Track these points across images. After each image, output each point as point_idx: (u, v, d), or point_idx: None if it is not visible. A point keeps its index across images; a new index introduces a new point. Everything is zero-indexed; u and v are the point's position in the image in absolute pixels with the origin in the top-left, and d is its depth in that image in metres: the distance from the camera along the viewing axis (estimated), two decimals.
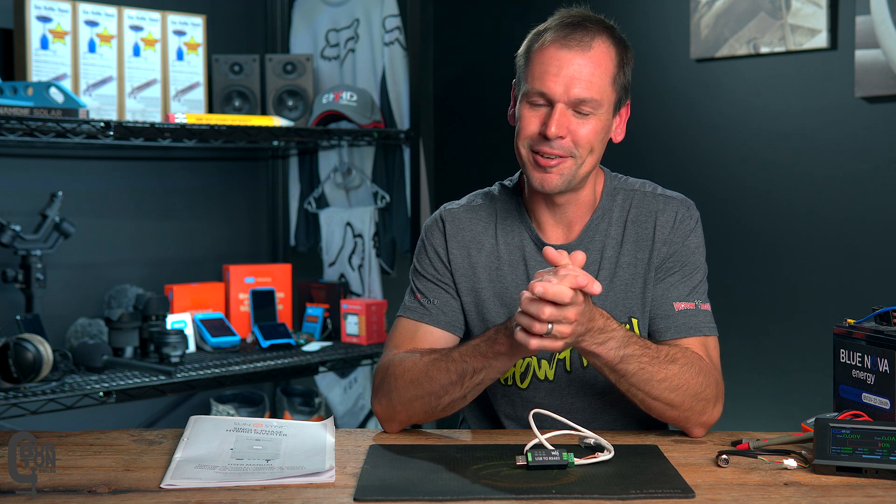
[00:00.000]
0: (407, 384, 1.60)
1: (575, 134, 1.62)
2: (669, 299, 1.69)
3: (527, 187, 1.75)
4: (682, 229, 1.72)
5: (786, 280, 2.83)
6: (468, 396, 1.59)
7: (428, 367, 1.59)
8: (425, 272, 1.77)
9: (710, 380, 1.60)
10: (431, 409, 1.60)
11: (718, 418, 1.63)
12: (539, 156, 1.64)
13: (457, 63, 3.55)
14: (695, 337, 1.66)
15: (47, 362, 2.34)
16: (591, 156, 1.65)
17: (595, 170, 1.72)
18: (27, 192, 2.85)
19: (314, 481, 1.36)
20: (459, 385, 1.56)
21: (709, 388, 1.60)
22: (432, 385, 1.58)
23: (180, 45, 3.02)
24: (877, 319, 1.56)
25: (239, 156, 3.48)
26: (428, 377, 1.58)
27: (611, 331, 1.51)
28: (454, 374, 1.56)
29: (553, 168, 1.63)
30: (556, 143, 1.62)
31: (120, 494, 1.32)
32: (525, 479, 1.35)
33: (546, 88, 1.61)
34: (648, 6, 3.09)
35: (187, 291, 3.06)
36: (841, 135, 2.70)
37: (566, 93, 1.61)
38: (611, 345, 1.51)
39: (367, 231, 3.33)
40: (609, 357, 1.52)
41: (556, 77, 1.61)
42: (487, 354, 1.53)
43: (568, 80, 1.61)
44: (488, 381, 1.57)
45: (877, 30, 2.56)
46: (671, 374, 1.56)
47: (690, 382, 1.57)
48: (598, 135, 1.65)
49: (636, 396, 1.57)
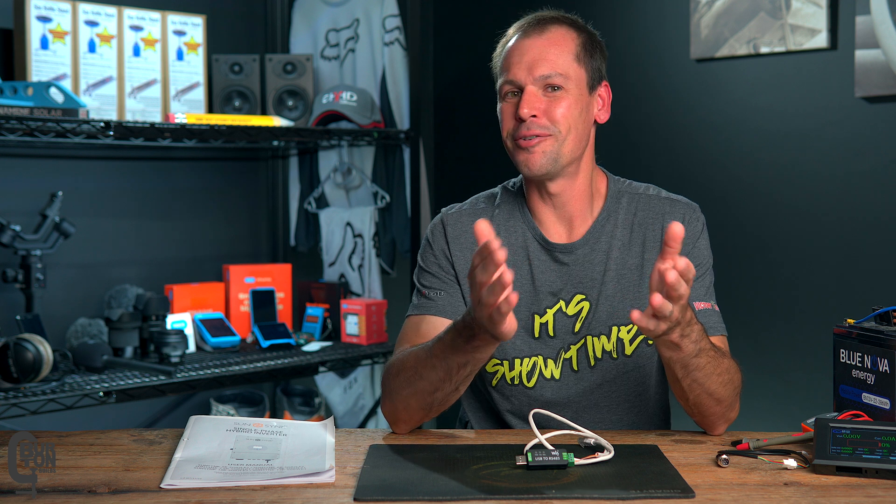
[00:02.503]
0: (402, 383, 1.60)
1: (549, 112, 1.67)
2: (690, 299, 1.68)
3: (525, 185, 1.77)
4: (690, 231, 1.73)
5: (786, 280, 2.83)
6: (461, 388, 1.58)
7: (416, 365, 1.58)
8: (429, 269, 1.78)
9: (740, 374, 1.62)
10: (427, 405, 1.59)
11: (737, 415, 1.64)
12: (521, 139, 1.67)
13: (457, 63, 3.55)
14: (715, 336, 1.67)
15: (47, 362, 2.34)
16: (572, 134, 1.68)
17: (588, 159, 1.74)
18: (27, 192, 2.85)
19: (314, 481, 1.36)
20: (448, 380, 1.55)
21: (740, 383, 1.62)
22: (423, 383, 1.57)
23: (180, 45, 3.02)
24: (877, 319, 1.56)
25: (239, 156, 3.48)
26: (418, 375, 1.57)
27: (694, 323, 1.48)
28: (441, 370, 1.55)
29: (534, 147, 1.67)
30: (532, 123, 1.66)
31: (120, 494, 1.32)
32: (525, 479, 1.35)
33: (513, 76, 1.69)
34: (648, 6, 3.09)
35: (187, 291, 3.06)
36: (841, 135, 2.70)
37: (530, 74, 1.67)
38: (693, 337, 1.48)
39: (367, 231, 3.33)
40: (689, 350, 1.48)
41: (519, 63, 1.69)
42: (467, 350, 1.48)
43: (530, 63, 1.68)
44: (476, 369, 1.55)
45: (877, 30, 2.56)
46: (725, 369, 1.56)
47: (735, 378, 1.59)
48: (573, 110, 1.68)
49: (693, 392, 1.55)
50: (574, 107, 1.68)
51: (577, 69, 1.69)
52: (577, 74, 1.69)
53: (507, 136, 1.70)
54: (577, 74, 1.69)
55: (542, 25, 1.71)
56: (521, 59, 1.68)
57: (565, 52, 1.69)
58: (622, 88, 3.14)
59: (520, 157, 1.68)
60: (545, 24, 1.71)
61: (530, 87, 1.67)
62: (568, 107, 1.67)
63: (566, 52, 1.69)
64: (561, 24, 1.71)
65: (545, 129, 1.66)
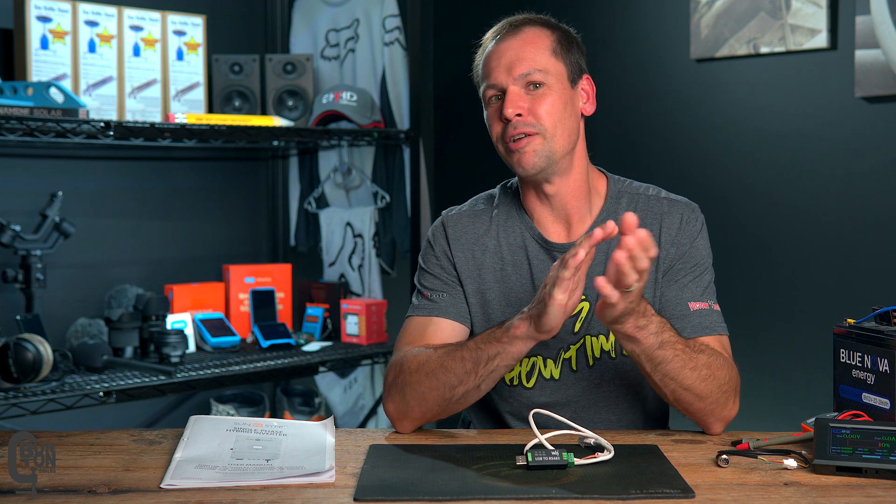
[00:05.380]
0: (422, 377, 1.60)
1: (533, 110, 1.67)
2: (684, 300, 1.69)
3: (521, 186, 1.78)
4: (688, 231, 1.73)
5: (786, 280, 2.83)
6: (482, 386, 1.59)
7: (443, 357, 1.59)
8: (431, 270, 1.78)
9: (731, 373, 1.62)
10: (445, 401, 1.60)
11: (735, 415, 1.64)
12: (510, 142, 1.68)
13: (457, 63, 3.53)
14: (711, 336, 1.67)
15: (47, 362, 2.34)
16: (559, 129, 1.68)
17: (581, 155, 1.74)
18: (27, 192, 2.85)
19: (314, 481, 1.36)
20: (474, 373, 1.56)
21: (731, 381, 1.61)
22: (447, 375, 1.58)
23: (180, 45, 3.02)
24: (877, 319, 1.56)
25: (239, 156, 3.48)
26: (443, 367, 1.58)
27: (650, 315, 1.51)
28: (469, 362, 1.56)
29: (525, 147, 1.67)
30: (518, 123, 1.67)
31: (120, 494, 1.32)
32: (525, 479, 1.35)
33: (493, 80, 1.70)
34: (648, 6, 3.09)
35: (187, 291, 3.06)
36: (841, 135, 2.70)
37: (510, 74, 1.69)
38: (651, 329, 1.50)
39: (367, 231, 3.33)
40: (649, 342, 1.51)
41: (498, 67, 1.70)
42: (503, 339, 1.54)
43: (508, 64, 1.69)
44: (503, 368, 1.57)
45: (877, 30, 2.56)
46: (701, 363, 1.56)
47: (717, 373, 1.58)
48: (557, 105, 1.69)
49: (668, 387, 1.57)
50: (557, 102, 1.69)
51: (555, 64, 1.70)
52: (556, 69, 1.70)
53: (497, 140, 1.71)
54: (557, 69, 1.70)
55: (516, 28, 1.73)
56: (499, 62, 1.70)
57: (541, 48, 1.70)
58: (622, 88, 3.14)
59: (512, 158, 1.69)
60: (518, 27, 1.73)
61: (512, 87, 1.68)
62: (552, 103, 1.68)
63: (542, 49, 1.70)
64: (533, 25, 1.73)
65: (531, 126, 1.67)
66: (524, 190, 1.77)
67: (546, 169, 1.69)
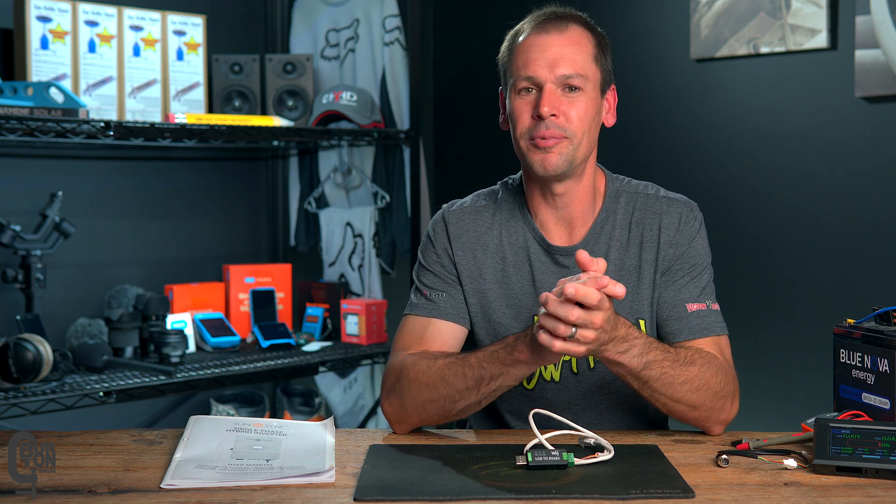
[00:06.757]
0: (421, 387, 1.59)
1: (566, 114, 1.65)
2: (681, 301, 1.69)
3: (526, 185, 1.76)
4: (686, 231, 1.72)
5: (786, 280, 2.83)
6: (483, 402, 1.59)
7: (443, 370, 1.58)
8: (431, 268, 1.77)
9: (727, 377, 1.61)
10: (445, 412, 1.60)
11: (735, 415, 1.64)
12: (538, 139, 1.65)
13: (457, 63, 3.55)
14: (708, 337, 1.67)
15: (47, 362, 2.34)
16: (585, 138, 1.67)
17: (593, 161, 1.74)
18: (27, 192, 2.85)
19: (314, 481, 1.36)
20: (475, 391, 1.56)
21: (727, 386, 1.61)
22: (448, 389, 1.57)
23: (180, 45, 3.02)
24: (877, 319, 1.56)
25: (239, 156, 3.48)
26: (444, 381, 1.57)
27: (633, 339, 1.50)
28: (471, 379, 1.55)
29: (552, 148, 1.65)
30: (551, 123, 1.64)
31: (120, 494, 1.32)
32: (525, 479, 1.35)
33: (532, 72, 1.66)
34: (648, 6, 3.09)
35: (187, 291, 3.06)
36: (841, 135, 2.70)
37: (552, 72, 1.65)
38: (633, 353, 1.50)
39: (367, 231, 3.33)
40: (632, 365, 1.51)
41: (539, 60, 1.65)
42: (506, 361, 1.52)
43: (551, 61, 1.65)
44: (505, 387, 1.57)
45: (877, 30, 2.56)
46: (692, 376, 1.56)
47: (710, 382, 1.58)
48: (589, 114, 1.67)
49: (658, 401, 1.58)
50: (590, 109, 1.67)
51: (594, 70, 1.68)
52: (594, 75, 1.68)
53: (522, 135, 1.67)
54: (595, 75, 1.68)
55: (562, 23, 1.68)
56: (541, 55, 1.65)
57: (585, 52, 1.67)
58: (622, 88, 3.12)
59: (535, 156, 1.66)
60: (565, 22, 1.68)
61: (550, 85, 1.65)
62: (585, 109, 1.66)
63: (586, 53, 1.67)
64: (578, 23, 1.69)
65: (563, 129, 1.64)
66: (529, 188, 1.75)
67: (566, 172, 1.67)
